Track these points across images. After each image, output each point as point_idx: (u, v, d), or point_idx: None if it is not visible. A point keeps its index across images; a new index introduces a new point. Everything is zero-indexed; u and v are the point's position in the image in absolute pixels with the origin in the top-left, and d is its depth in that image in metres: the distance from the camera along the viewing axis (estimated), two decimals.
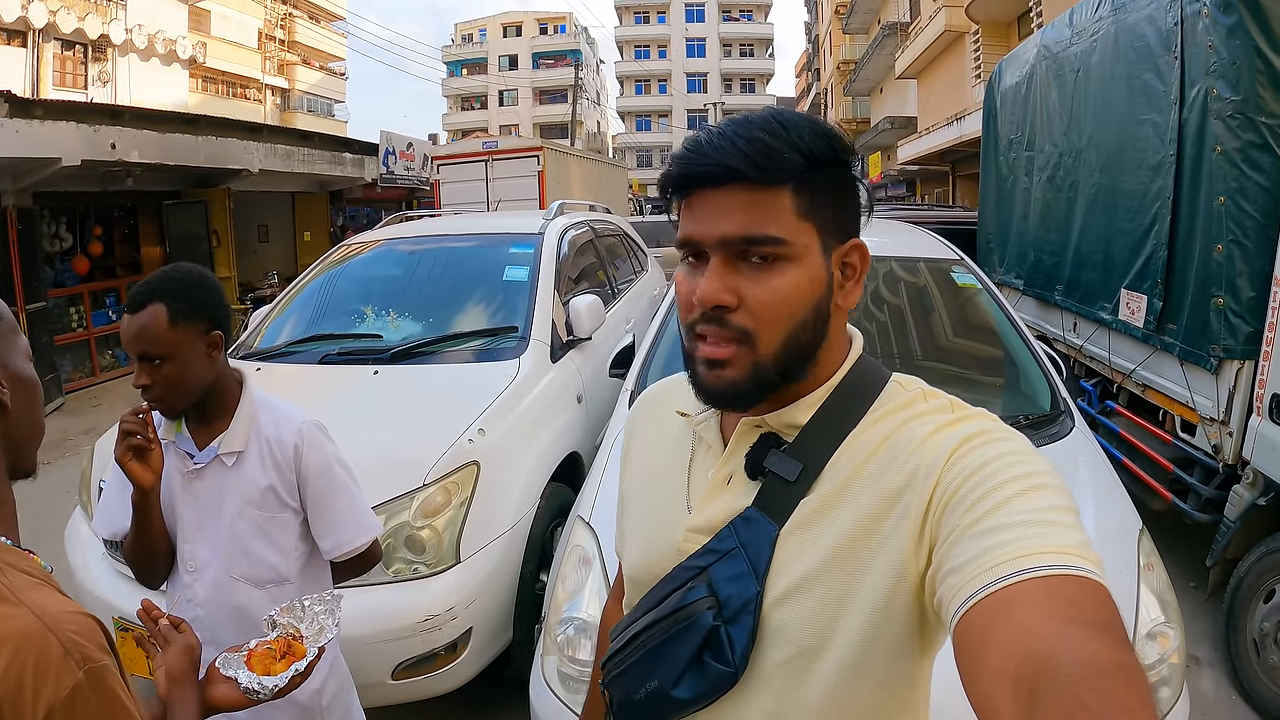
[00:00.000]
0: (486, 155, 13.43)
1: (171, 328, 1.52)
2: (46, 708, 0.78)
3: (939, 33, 19.61)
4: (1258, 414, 3.31)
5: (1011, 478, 0.71)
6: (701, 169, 0.82)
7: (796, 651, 0.82)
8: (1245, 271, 3.40)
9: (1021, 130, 6.45)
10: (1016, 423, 2.60)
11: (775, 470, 0.87)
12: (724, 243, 0.81)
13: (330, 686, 1.77)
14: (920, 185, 24.76)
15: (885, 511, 0.80)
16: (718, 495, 0.92)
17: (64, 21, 21.30)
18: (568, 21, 59.02)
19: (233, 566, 1.65)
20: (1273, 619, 3.12)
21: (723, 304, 0.81)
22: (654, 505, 1.01)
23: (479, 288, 4.19)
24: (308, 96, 35.52)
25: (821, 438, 0.86)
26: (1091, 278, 4.91)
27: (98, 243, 11.11)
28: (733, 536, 0.87)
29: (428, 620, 2.55)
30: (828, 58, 40.98)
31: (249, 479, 1.64)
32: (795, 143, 0.80)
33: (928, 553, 0.75)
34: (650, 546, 0.98)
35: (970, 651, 0.63)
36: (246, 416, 1.66)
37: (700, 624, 0.85)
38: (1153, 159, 4.09)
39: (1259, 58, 3.32)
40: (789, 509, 0.85)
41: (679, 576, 0.90)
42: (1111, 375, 4.80)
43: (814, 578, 0.82)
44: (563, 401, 3.67)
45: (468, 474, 2.82)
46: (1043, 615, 0.59)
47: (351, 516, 1.73)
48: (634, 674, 0.91)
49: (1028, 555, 0.64)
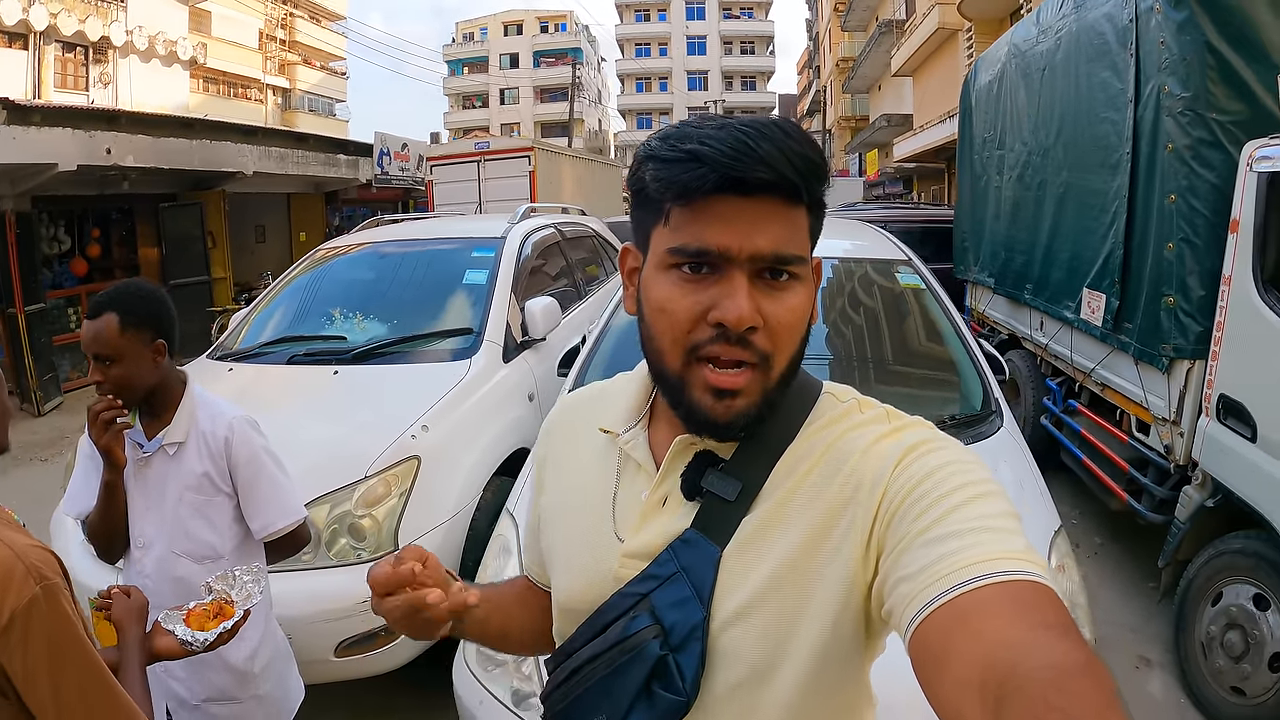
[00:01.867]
0: (479, 156, 13.50)
1: (121, 334, 1.76)
2: (10, 612, 1.05)
3: (932, 30, 19.59)
4: (1206, 414, 3.31)
5: (957, 486, 0.71)
6: (753, 174, 0.74)
7: (749, 672, 0.81)
8: (1196, 270, 3.40)
9: (994, 129, 6.46)
10: (943, 423, 2.62)
11: (714, 490, 0.84)
12: (756, 258, 0.77)
13: (264, 654, 1.99)
14: (918, 183, 24.71)
15: (831, 525, 0.79)
16: (654, 518, 0.88)
17: (65, 24, 21.33)
18: (569, 20, 58.92)
19: (175, 543, 1.89)
20: (1220, 622, 3.10)
21: (756, 325, 0.77)
22: (581, 529, 0.96)
23: (441, 290, 4.36)
24: (309, 96, 35.55)
25: (759, 453, 0.85)
26: (1057, 276, 4.91)
27: (96, 245, 11.32)
28: (673, 560, 0.84)
29: (366, 602, 2.62)
30: (827, 55, 40.93)
31: (188, 467, 1.88)
32: (825, 164, 0.79)
33: (875, 562, 0.75)
34: (582, 573, 0.93)
35: (930, 660, 0.62)
36: (187, 412, 1.90)
37: (647, 654, 0.81)
38: (1112, 157, 4.09)
39: (1210, 53, 3.32)
40: (730, 529, 0.83)
41: (619, 604, 0.86)
42: (1074, 374, 4.81)
43: (762, 597, 0.80)
44: (514, 399, 3.80)
45: (408, 468, 3.01)
46: (1003, 621, 0.59)
47: (276, 501, 1.96)
48: (580, 708, 0.87)
49: (980, 562, 0.64)
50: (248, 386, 3.72)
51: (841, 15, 33.33)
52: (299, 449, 2.98)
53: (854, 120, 34.79)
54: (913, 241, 9.03)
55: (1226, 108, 3.33)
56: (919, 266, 3.66)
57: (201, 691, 1.94)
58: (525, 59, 58.27)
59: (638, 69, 62.39)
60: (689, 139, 0.76)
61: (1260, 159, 3.05)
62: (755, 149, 0.73)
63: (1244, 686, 2.96)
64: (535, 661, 2.07)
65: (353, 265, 4.84)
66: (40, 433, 8.14)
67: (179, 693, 1.94)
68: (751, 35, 61.89)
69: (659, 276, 0.81)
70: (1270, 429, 2.91)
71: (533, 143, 13.83)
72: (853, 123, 34.73)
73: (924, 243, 9.05)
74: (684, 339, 0.79)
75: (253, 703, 1.98)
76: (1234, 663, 3.01)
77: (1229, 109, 3.32)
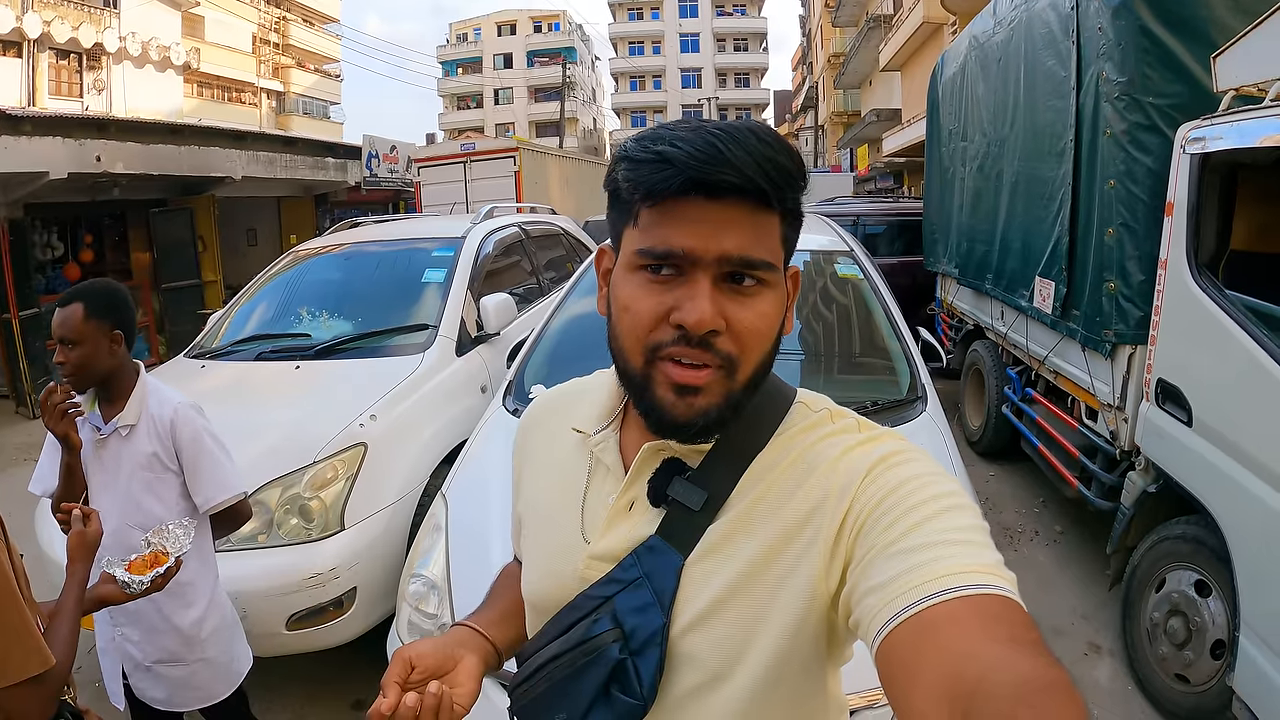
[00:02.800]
0: (465, 157, 13.62)
1: (85, 321, 2.00)
2: None
3: (918, 24, 19.64)
4: (1146, 399, 3.32)
5: (927, 498, 0.71)
6: (719, 177, 0.73)
7: (707, 677, 0.81)
8: (1135, 255, 3.42)
9: (958, 121, 6.49)
10: (865, 408, 2.66)
11: (679, 499, 0.85)
12: (722, 260, 0.76)
13: (211, 621, 2.21)
14: (908, 177, 24.70)
15: (795, 534, 0.79)
16: (620, 522, 0.89)
17: (58, 31, 21.40)
18: (562, 19, 58.95)
19: (128, 516, 2.08)
20: (1163, 608, 3.09)
21: (717, 329, 0.77)
22: (550, 528, 0.97)
23: (403, 289, 4.56)
24: (303, 99, 35.63)
25: (727, 462, 0.84)
26: (1013, 266, 4.93)
27: (88, 250, 11.58)
28: (636, 566, 0.84)
29: (314, 578, 2.93)
30: (820, 51, 40.91)
31: (139, 447, 2.10)
32: (799, 170, 0.78)
33: (841, 571, 0.74)
34: (550, 572, 0.94)
35: (898, 673, 0.62)
36: (139, 398, 2.11)
37: (606, 657, 0.82)
38: (1058, 145, 4.11)
39: (1145, 36, 3.33)
40: (694, 538, 0.83)
41: (583, 605, 0.87)
42: (1030, 362, 4.84)
43: (721, 603, 0.80)
44: (466, 391, 3.99)
45: (355, 454, 3.20)
46: (972, 635, 0.59)
47: (216, 478, 2.17)
48: (542, 704, 0.88)
49: (949, 575, 0.63)
50: (217, 382, 3.93)
51: (832, 11, 33.33)
52: (257, 435, 3.23)
53: (845, 116, 34.79)
54: (889, 235, 9.22)
55: (1163, 91, 3.34)
56: (860, 257, 3.71)
57: (153, 654, 2.15)
58: (519, 59, 58.27)
59: (631, 67, 62.36)
60: (661, 140, 0.76)
61: (1193, 140, 3.05)
62: (723, 152, 0.73)
63: (1188, 674, 2.95)
64: None
65: (323, 266, 5.03)
66: (35, 434, 8.23)
67: (134, 655, 2.16)
68: (745, 32, 61.82)
69: (627, 277, 0.81)
70: (1205, 413, 2.92)
71: (518, 143, 13.90)
72: (844, 118, 34.72)
73: (901, 235, 9.18)
74: (645, 338, 0.79)
75: (199, 665, 2.20)
76: (1177, 650, 3.00)
77: (1165, 92, 3.33)
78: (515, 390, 3.20)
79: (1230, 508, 2.73)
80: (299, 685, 3.40)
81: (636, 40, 62.27)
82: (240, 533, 2.89)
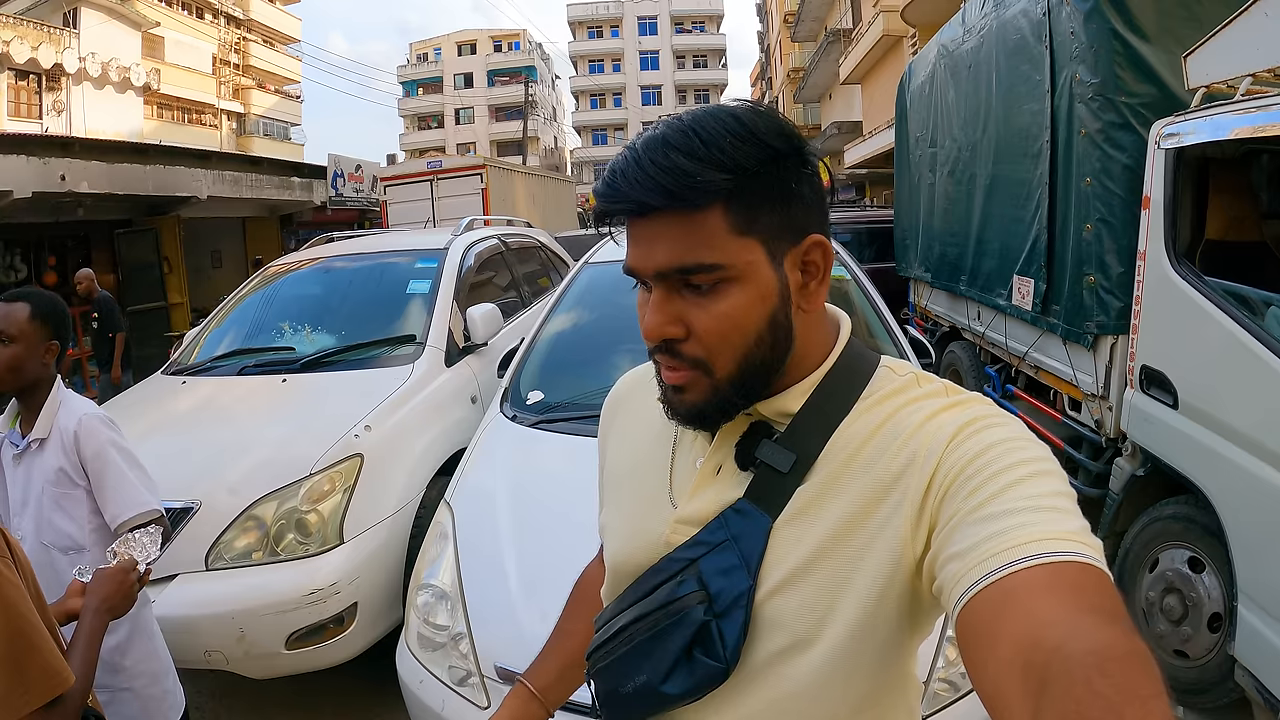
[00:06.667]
0: (431, 175, 13.52)
1: (29, 320, 1.98)
2: None
3: (878, 38, 20.00)
4: (1131, 386, 3.40)
5: (1013, 463, 0.70)
6: (617, 206, 0.78)
7: (790, 642, 0.80)
8: (1114, 249, 3.51)
9: (927, 128, 6.59)
10: None
11: (768, 461, 0.84)
12: (660, 274, 0.79)
13: (136, 650, 2.08)
14: (870, 188, 25.07)
15: (881, 497, 0.78)
16: (707, 486, 0.89)
17: (17, 51, 21.11)
18: (522, 38, 59.07)
19: (42, 534, 2.02)
20: (1158, 588, 3.15)
21: (669, 337, 0.79)
22: (637, 495, 0.97)
23: (387, 301, 4.49)
24: (263, 120, 35.37)
25: (814, 426, 0.84)
26: (989, 266, 5.01)
27: (52, 272, 11.38)
28: (724, 528, 0.84)
29: (313, 594, 2.84)
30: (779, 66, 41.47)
31: (49, 462, 2.01)
32: (717, 159, 0.74)
33: (926, 537, 0.74)
34: (634, 536, 0.94)
35: (976, 640, 0.61)
36: (50, 411, 2.03)
37: (691, 619, 0.82)
38: (1033, 147, 4.21)
39: (1115, 39, 3.44)
40: (783, 500, 0.82)
41: (667, 568, 0.87)
42: (1010, 359, 4.92)
43: (808, 567, 0.80)
44: (456, 401, 3.93)
45: (351, 465, 3.12)
46: (1051, 603, 0.58)
47: (122, 493, 2.03)
48: (621, 667, 0.88)
49: (1032, 542, 0.63)
50: (200, 397, 3.83)
51: (791, 26, 33.86)
52: (247, 450, 3.16)
53: (806, 129, 35.22)
54: (860, 243, 9.36)
55: (1135, 91, 3.44)
56: (845, 259, 3.77)
57: None
58: (480, 78, 58.21)
59: (592, 85, 62.46)
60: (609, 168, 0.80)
61: (1168, 135, 3.15)
62: (618, 177, 0.76)
63: (1186, 649, 3.00)
64: (471, 641, 2.14)
65: (302, 280, 4.96)
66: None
67: None
68: (704, 49, 62.23)
69: (640, 291, 0.85)
70: (1190, 395, 3.00)
71: (484, 161, 13.88)
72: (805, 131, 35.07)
73: (870, 243, 9.33)
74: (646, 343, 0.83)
75: (126, 695, 2.06)
76: (1174, 626, 3.06)
77: (1137, 92, 3.43)
78: (511, 397, 3.19)
79: (1221, 484, 2.80)
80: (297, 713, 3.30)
81: (597, 58, 62.42)
82: (235, 550, 2.90)
